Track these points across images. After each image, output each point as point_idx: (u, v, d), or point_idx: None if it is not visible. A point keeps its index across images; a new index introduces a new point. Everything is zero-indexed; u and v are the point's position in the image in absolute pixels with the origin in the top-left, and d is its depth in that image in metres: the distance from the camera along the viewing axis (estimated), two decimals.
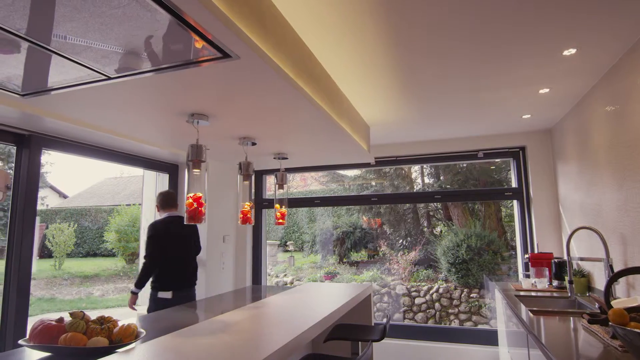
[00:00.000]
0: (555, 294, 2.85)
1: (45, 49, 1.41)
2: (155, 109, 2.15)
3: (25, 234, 2.56)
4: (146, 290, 3.12)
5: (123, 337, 1.60)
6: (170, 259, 3.13)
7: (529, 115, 3.29)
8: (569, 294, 2.74)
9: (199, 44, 1.40)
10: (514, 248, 5.40)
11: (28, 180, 2.61)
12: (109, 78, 1.65)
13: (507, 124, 3.58)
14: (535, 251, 3.62)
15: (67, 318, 1.65)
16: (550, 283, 3.11)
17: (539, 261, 3.20)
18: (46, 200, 10.95)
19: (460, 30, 1.87)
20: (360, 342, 2.72)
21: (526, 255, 3.44)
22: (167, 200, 3.24)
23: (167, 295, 3.04)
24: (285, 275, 7.03)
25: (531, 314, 2.18)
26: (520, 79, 2.49)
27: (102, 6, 1.16)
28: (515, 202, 3.94)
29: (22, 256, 2.52)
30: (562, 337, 1.74)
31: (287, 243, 8.27)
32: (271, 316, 2.06)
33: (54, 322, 1.61)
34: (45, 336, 1.56)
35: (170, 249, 3.14)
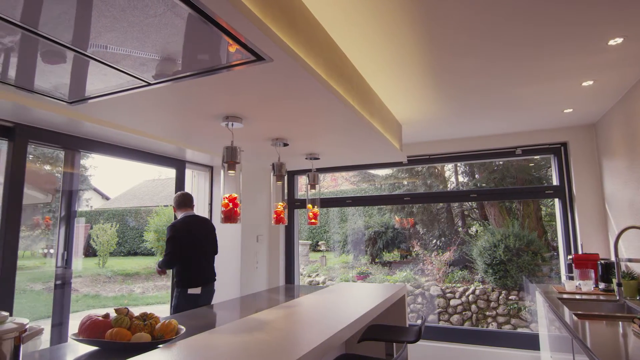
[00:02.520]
0: (601, 297, 2.70)
1: (89, 57, 1.48)
2: (191, 113, 2.21)
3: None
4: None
5: (164, 333, 1.66)
6: (196, 256, 3.25)
7: (570, 110, 3.14)
8: (617, 297, 2.59)
9: (233, 47, 1.42)
10: (555, 249, 5.18)
11: (73, 182, 2.76)
12: (148, 84, 1.72)
13: (547, 119, 3.44)
14: (579, 252, 3.45)
15: (113, 314, 1.74)
16: (596, 285, 2.96)
17: (583, 262, 3.04)
18: (90, 202, 11.52)
19: (494, 25, 1.81)
20: (394, 344, 2.69)
21: (569, 256, 3.29)
22: (184, 200, 3.34)
23: (196, 291, 3.18)
24: (317, 275, 7.06)
25: (576, 318, 2.08)
26: (561, 71, 2.38)
27: (140, 15, 1.21)
28: (556, 200, 3.77)
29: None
30: (610, 342, 1.65)
31: (319, 243, 8.30)
32: (305, 315, 2.07)
33: (100, 318, 1.69)
34: (93, 331, 1.64)
35: (195, 247, 3.25)
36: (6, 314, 1.32)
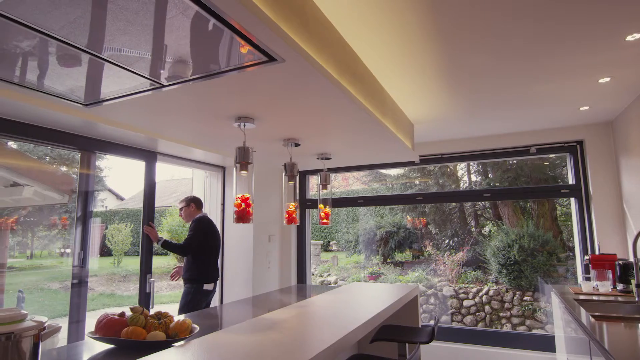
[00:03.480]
0: (620, 299, 2.64)
1: (104, 60, 1.51)
2: (204, 114, 2.23)
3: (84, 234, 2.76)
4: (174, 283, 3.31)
5: (179, 332, 1.68)
6: (213, 254, 3.44)
7: (587, 107, 3.08)
8: (636, 299, 2.54)
9: (245, 48, 1.43)
10: (571, 249, 5.09)
11: (89, 182, 2.81)
12: (162, 86, 1.74)
13: (562, 117, 3.38)
14: (597, 252, 3.38)
15: (128, 313, 1.76)
16: (614, 287, 2.89)
17: (601, 263, 2.98)
18: (105, 202, 11.70)
19: (508, 22, 1.78)
20: (407, 344, 2.67)
21: (586, 257, 3.22)
22: (200, 203, 3.61)
23: (210, 287, 3.33)
24: (328, 275, 7.06)
25: (593, 320, 2.04)
26: (577, 68, 2.34)
27: (152, 18, 1.22)
28: (572, 199, 3.71)
29: None
30: (629, 344, 1.62)
31: (330, 243, 8.30)
32: (318, 315, 2.08)
33: (116, 316, 1.72)
34: (109, 329, 1.67)
35: (212, 245, 3.45)
36: (26, 312, 1.35)
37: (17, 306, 2.69)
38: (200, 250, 3.34)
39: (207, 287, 3.31)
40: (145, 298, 3.15)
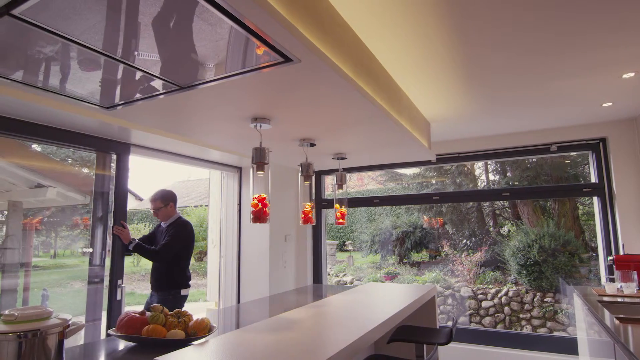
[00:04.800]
0: None
1: (124, 63, 1.54)
2: (220, 115, 2.26)
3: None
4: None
5: (198, 331, 1.70)
6: (189, 258, 3.18)
7: (610, 103, 3.00)
8: None
9: (260, 50, 1.44)
10: (594, 249, 4.96)
11: (107, 183, 2.88)
12: (181, 88, 1.77)
13: (584, 114, 3.29)
14: (621, 252, 3.28)
15: (148, 311, 1.79)
16: None
17: (625, 264, 2.90)
18: None
19: (527, 16, 1.75)
20: (425, 345, 2.65)
21: (610, 257, 3.14)
22: (176, 199, 3.25)
23: (187, 292, 3.13)
24: (344, 274, 7.05)
25: (617, 322, 1.98)
26: (600, 63, 2.27)
27: (171, 23, 1.24)
28: (595, 198, 3.61)
29: None
30: None
31: (346, 243, 8.28)
32: (334, 315, 2.07)
33: (137, 315, 1.75)
34: (131, 327, 1.71)
35: (190, 249, 3.22)
36: (51, 310, 1.39)
37: (42, 304, 2.77)
38: (185, 255, 3.14)
39: (185, 292, 3.10)
40: (116, 307, 2.86)
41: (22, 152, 3.05)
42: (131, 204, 12.93)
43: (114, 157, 2.97)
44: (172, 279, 3.08)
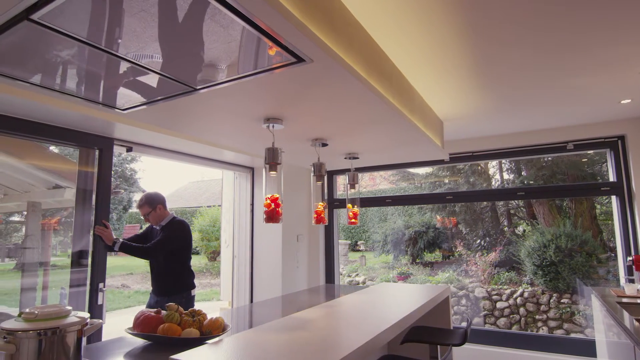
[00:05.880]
0: None
1: (139, 66, 1.56)
2: (234, 116, 2.27)
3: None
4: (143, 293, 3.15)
5: (212, 329, 1.72)
6: (191, 257, 3.17)
7: (629, 100, 2.93)
8: None
9: (272, 50, 1.45)
10: (612, 249, 4.85)
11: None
12: (195, 89, 1.78)
13: (601, 111, 3.22)
14: None
15: (164, 310, 1.82)
16: None
17: None
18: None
19: (542, 12, 1.72)
20: (439, 346, 2.62)
21: (629, 258, 3.07)
22: (165, 200, 3.18)
23: (195, 292, 3.13)
24: (357, 274, 7.03)
25: (637, 324, 1.94)
26: (618, 59, 2.22)
27: (185, 25, 1.26)
28: (613, 198, 3.53)
29: None
30: None
31: (358, 243, 8.26)
32: (347, 315, 2.07)
33: (153, 313, 1.78)
34: (146, 326, 1.73)
35: (190, 249, 3.18)
36: (69, 308, 1.42)
37: (60, 303, 2.82)
38: (189, 255, 3.13)
39: (194, 292, 3.11)
40: (97, 311, 2.69)
41: (40, 153, 3.12)
42: None
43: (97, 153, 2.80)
44: (182, 281, 3.06)
